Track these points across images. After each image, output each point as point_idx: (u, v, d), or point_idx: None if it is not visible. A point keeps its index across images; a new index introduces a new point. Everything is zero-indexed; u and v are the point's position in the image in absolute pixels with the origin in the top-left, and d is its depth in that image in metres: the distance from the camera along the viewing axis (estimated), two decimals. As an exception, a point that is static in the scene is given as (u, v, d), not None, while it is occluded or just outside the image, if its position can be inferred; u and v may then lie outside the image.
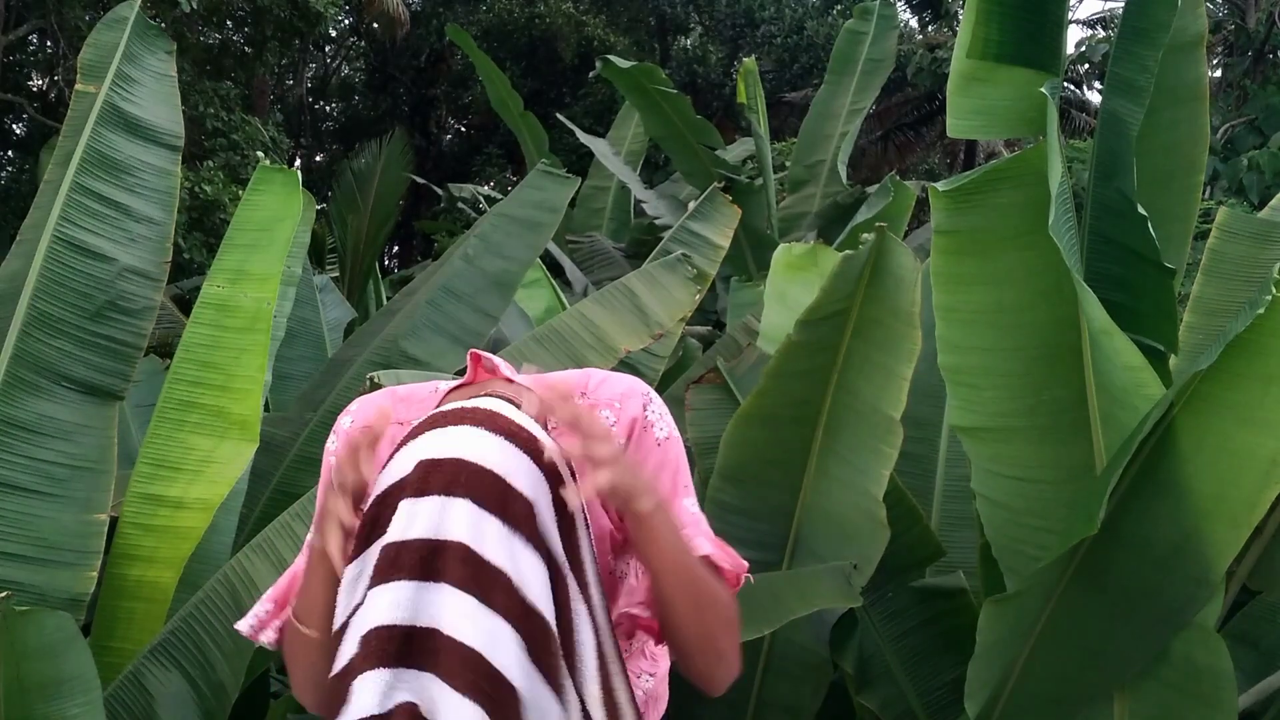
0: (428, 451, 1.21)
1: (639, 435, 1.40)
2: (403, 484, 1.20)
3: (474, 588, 1.15)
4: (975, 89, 2.48)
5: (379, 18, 15.45)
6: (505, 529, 1.17)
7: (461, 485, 1.17)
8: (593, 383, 1.44)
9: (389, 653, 1.14)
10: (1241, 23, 12.10)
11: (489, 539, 1.16)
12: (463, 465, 1.19)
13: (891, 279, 2.91)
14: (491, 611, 1.15)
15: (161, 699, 2.60)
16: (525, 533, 1.18)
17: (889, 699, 3.08)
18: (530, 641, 1.17)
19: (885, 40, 8.62)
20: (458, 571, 1.15)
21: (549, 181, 3.92)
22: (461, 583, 1.15)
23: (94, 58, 3.22)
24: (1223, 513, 2.22)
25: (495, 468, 1.19)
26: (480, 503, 1.17)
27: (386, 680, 1.14)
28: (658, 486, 1.37)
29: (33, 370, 2.82)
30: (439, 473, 1.18)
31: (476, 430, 1.22)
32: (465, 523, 1.16)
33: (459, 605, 1.14)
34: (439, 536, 1.16)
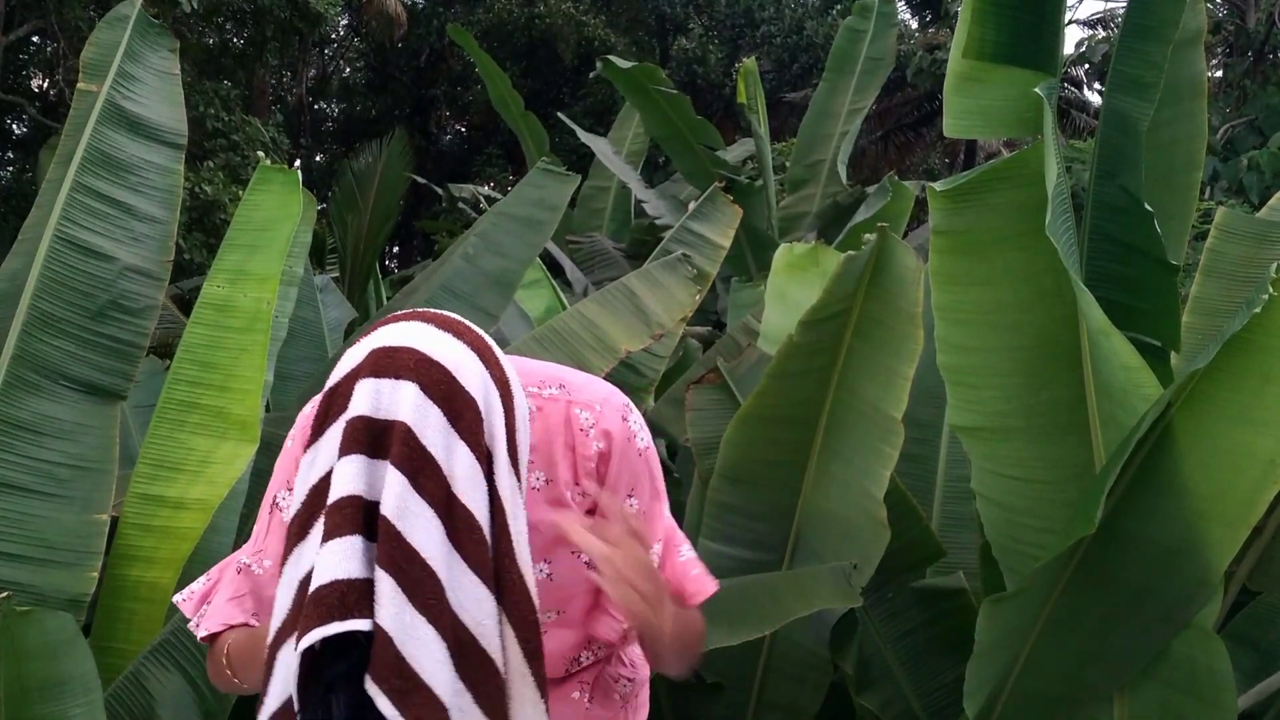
0: (382, 341, 1.27)
1: (623, 446, 1.45)
2: (358, 369, 1.26)
3: (406, 468, 1.20)
4: (972, 89, 2.48)
5: (377, 18, 15.46)
6: (445, 421, 1.22)
7: (410, 370, 1.23)
8: (572, 380, 1.48)
9: (358, 522, 1.19)
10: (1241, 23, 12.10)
11: (430, 426, 1.21)
12: (414, 353, 1.24)
13: (893, 279, 2.91)
14: (418, 495, 1.20)
15: (162, 699, 2.61)
16: (463, 428, 1.23)
17: (889, 699, 3.08)
18: (450, 527, 1.21)
19: (885, 38, 8.61)
20: (397, 449, 1.20)
21: (549, 180, 3.92)
22: (397, 461, 1.20)
23: (96, 56, 3.22)
24: (1221, 512, 2.22)
25: (444, 361, 1.25)
26: (426, 390, 1.22)
27: (355, 545, 1.19)
28: (641, 499, 1.48)
29: (34, 370, 2.82)
30: (392, 359, 1.24)
31: (429, 326, 1.29)
32: (410, 405, 1.22)
33: (393, 483, 1.20)
34: (388, 416, 1.21)
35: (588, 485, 1.44)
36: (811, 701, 3.16)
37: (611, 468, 1.45)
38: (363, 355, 1.27)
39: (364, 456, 1.21)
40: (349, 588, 1.17)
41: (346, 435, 1.22)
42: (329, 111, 23.47)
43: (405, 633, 1.17)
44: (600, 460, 1.44)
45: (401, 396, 1.22)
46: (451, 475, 1.22)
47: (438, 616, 1.19)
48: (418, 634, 1.17)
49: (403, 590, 1.18)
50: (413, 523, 1.19)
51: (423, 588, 1.18)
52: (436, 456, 1.21)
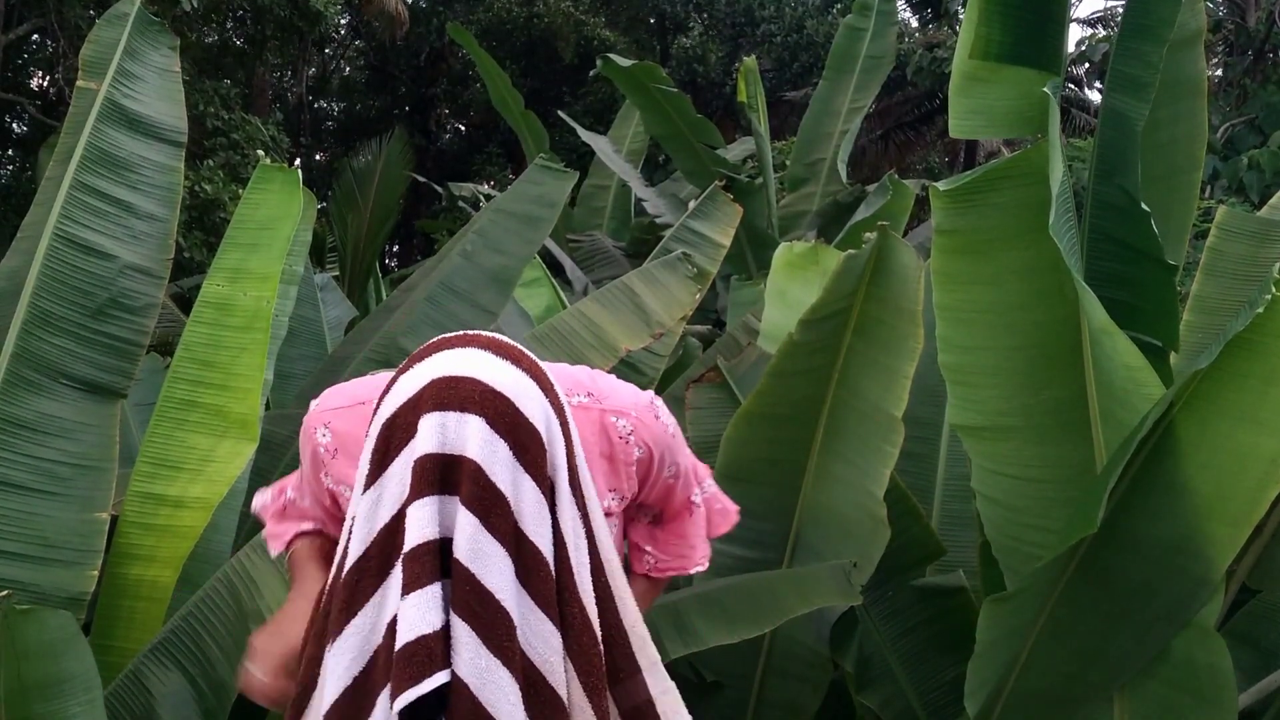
0: (443, 370, 1.25)
1: (662, 447, 1.51)
2: (419, 399, 1.23)
3: (477, 508, 1.20)
4: (977, 89, 2.48)
5: (379, 16, 15.43)
6: (511, 455, 1.22)
7: (475, 403, 1.22)
8: (599, 386, 1.50)
9: (436, 569, 1.20)
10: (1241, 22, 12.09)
11: (498, 462, 1.21)
12: (477, 384, 1.23)
13: (894, 278, 2.91)
14: (490, 535, 1.20)
15: (162, 698, 2.60)
16: (527, 461, 1.23)
17: (889, 698, 3.08)
18: (520, 565, 1.22)
19: (885, 37, 8.60)
20: (468, 489, 1.20)
21: (547, 176, 3.91)
22: (468, 501, 1.20)
23: (95, 54, 3.22)
24: (1223, 512, 2.22)
25: (507, 391, 1.24)
26: (492, 424, 1.22)
27: (435, 594, 1.20)
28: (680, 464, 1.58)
29: (34, 368, 2.82)
30: (455, 390, 1.23)
31: (486, 354, 1.27)
32: (478, 441, 1.21)
33: (465, 524, 1.20)
34: (455, 452, 1.21)
35: (625, 487, 1.47)
36: (811, 700, 3.15)
37: (654, 468, 1.51)
38: (422, 384, 1.24)
39: (436, 496, 1.20)
40: (434, 641, 1.19)
41: (416, 475, 1.21)
42: (329, 110, 23.45)
43: (481, 678, 1.18)
44: (640, 466, 1.48)
45: (469, 432, 1.21)
46: (520, 512, 1.22)
47: (510, 658, 1.20)
48: (494, 678, 1.19)
49: (478, 635, 1.19)
50: (486, 564, 1.19)
51: (496, 630, 1.19)
52: (505, 493, 1.21)
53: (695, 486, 1.65)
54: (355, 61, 22.83)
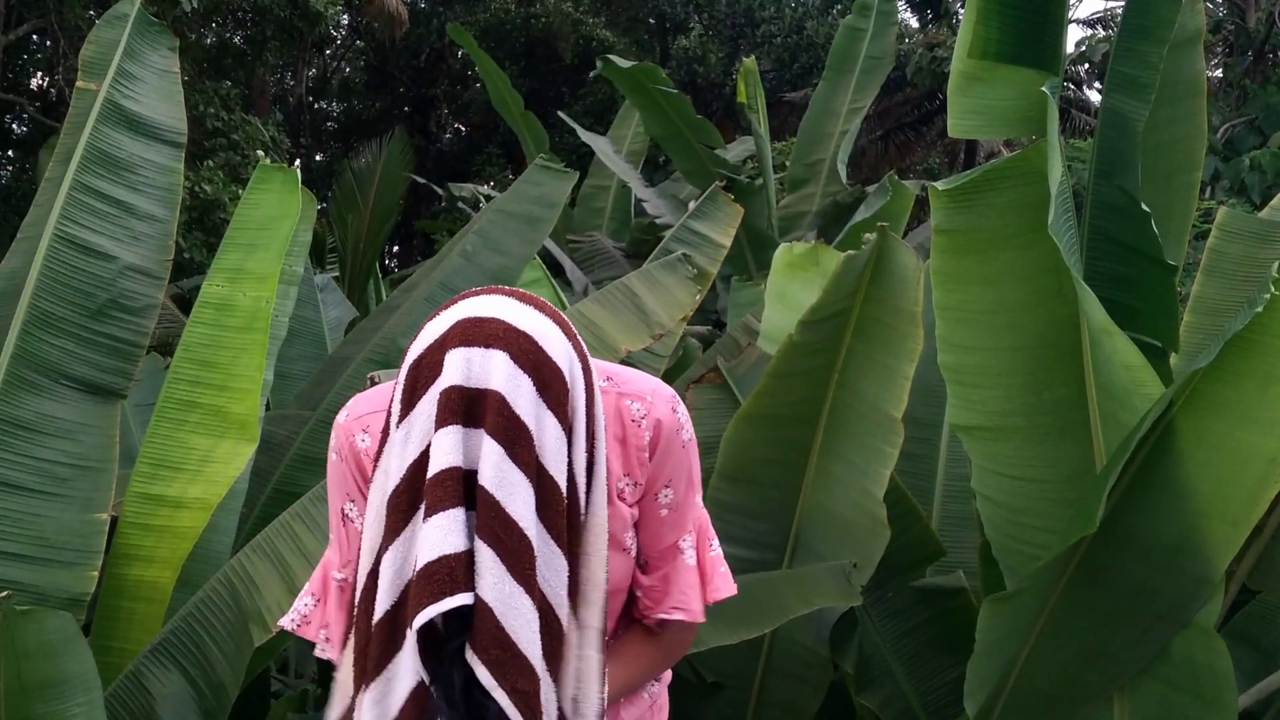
0: (467, 312, 1.28)
1: (670, 437, 1.48)
2: (445, 338, 1.26)
3: (502, 438, 1.21)
4: (975, 89, 2.48)
5: (379, 17, 15.43)
6: (535, 390, 1.24)
7: (500, 339, 1.25)
8: (619, 373, 1.51)
9: (458, 493, 1.21)
10: (1241, 22, 12.10)
11: (522, 395, 1.23)
12: (501, 323, 1.26)
13: (893, 278, 2.91)
14: (513, 465, 1.22)
15: (162, 699, 2.60)
16: (550, 399, 1.25)
17: (889, 698, 3.08)
18: (539, 498, 1.23)
19: (884, 37, 8.59)
20: (492, 419, 1.22)
21: (547, 176, 3.91)
22: (493, 430, 1.21)
23: (95, 54, 3.22)
24: (1222, 511, 2.22)
25: (531, 331, 1.27)
26: (516, 359, 1.24)
27: (458, 517, 1.21)
28: (676, 488, 1.50)
29: (34, 369, 2.82)
30: (481, 328, 1.25)
31: (511, 300, 1.31)
32: (502, 373, 1.23)
33: (490, 453, 1.21)
34: (480, 385, 1.23)
35: (639, 474, 1.46)
36: (811, 700, 3.15)
37: (656, 457, 1.47)
38: (448, 325, 1.28)
39: (460, 426, 1.22)
40: (455, 562, 1.19)
41: (441, 405, 1.23)
42: (329, 111, 23.46)
43: (505, 603, 1.19)
44: (650, 449, 1.46)
45: (494, 365, 1.23)
46: (541, 446, 1.24)
47: (532, 587, 1.21)
48: (516, 604, 1.20)
49: (502, 561, 1.19)
50: (510, 492, 1.21)
51: (520, 558, 1.20)
52: (529, 426, 1.23)
53: (688, 533, 1.54)
54: (355, 62, 22.84)
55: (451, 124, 23.15)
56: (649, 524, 1.50)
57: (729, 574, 1.58)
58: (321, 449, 3.48)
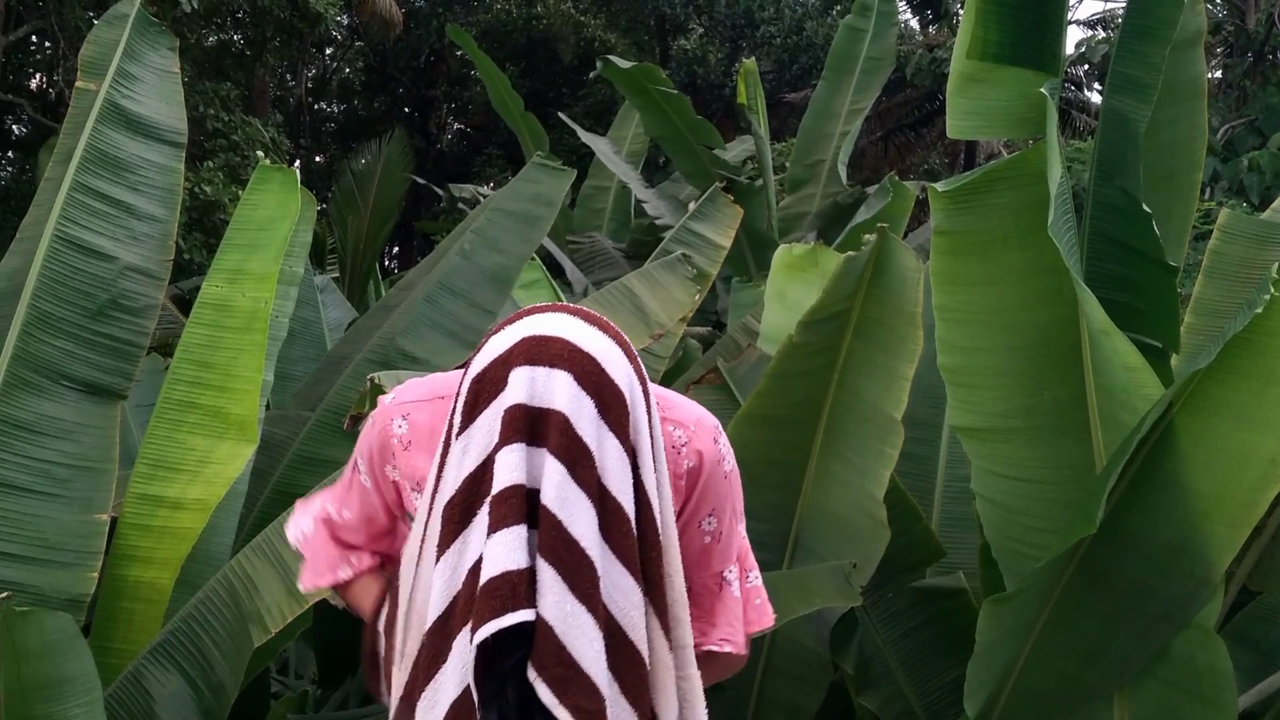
0: (533, 330, 1.30)
1: (712, 468, 1.47)
2: (510, 355, 1.28)
3: (565, 458, 1.23)
4: (975, 90, 2.48)
5: (373, 20, 15.43)
6: (596, 412, 1.25)
7: (564, 360, 1.26)
8: (665, 396, 1.48)
9: (522, 511, 1.22)
10: (1241, 23, 12.10)
11: (584, 416, 1.24)
12: (566, 343, 1.28)
13: (893, 279, 2.91)
14: (576, 485, 1.23)
15: (161, 699, 2.60)
16: (611, 420, 1.26)
17: (889, 699, 3.08)
18: (602, 519, 1.24)
19: (885, 38, 8.58)
20: (555, 439, 1.23)
21: (544, 175, 3.90)
22: (556, 450, 1.23)
23: (95, 55, 3.22)
24: (1222, 512, 2.22)
25: (594, 352, 1.28)
26: (580, 381, 1.25)
27: (521, 535, 1.22)
28: (720, 519, 1.50)
29: (33, 370, 2.82)
30: (546, 347, 1.27)
31: (575, 319, 1.32)
32: (566, 395, 1.24)
33: (553, 472, 1.22)
34: (544, 404, 1.24)
35: (675, 499, 1.45)
36: (811, 701, 3.15)
37: (698, 488, 1.46)
38: (513, 342, 1.29)
39: (524, 444, 1.23)
40: (518, 579, 1.20)
41: (506, 423, 1.24)
42: (329, 112, 23.45)
43: (566, 622, 1.20)
44: (689, 477, 1.45)
45: (557, 385, 1.24)
46: (603, 468, 1.25)
47: (595, 606, 1.22)
48: (579, 623, 1.21)
49: (563, 580, 1.20)
50: (572, 513, 1.22)
51: (581, 577, 1.21)
52: (591, 447, 1.24)
53: (733, 564, 1.56)
54: (355, 63, 22.84)
55: (452, 125, 23.15)
56: (691, 553, 1.48)
57: (766, 604, 1.59)
58: (322, 449, 3.49)
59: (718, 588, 1.54)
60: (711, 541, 1.50)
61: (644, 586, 1.28)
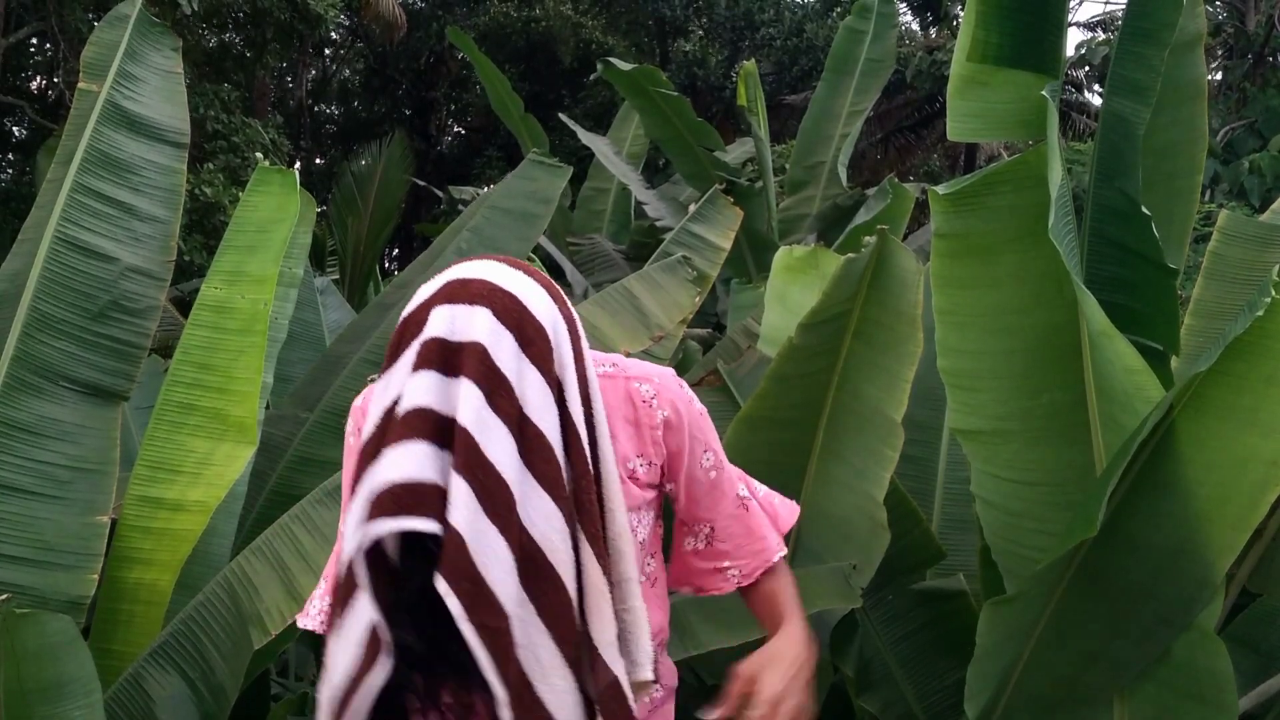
0: (455, 274, 1.33)
1: (688, 410, 1.54)
2: (432, 298, 1.30)
3: (483, 385, 1.24)
4: (975, 92, 2.48)
5: (376, 21, 15.44)
6: (517, 346, 1.27)
7: (484, 297, 1.28)
8: (622, 360, 1.55)
9: (427, 430, 1.22)
10: (1241, 25, 12.11)
11: (503, 348, 1.26)
12: (486, 283, 1.30)
13: (893, 281, 2.91)
14: (493, 412, 1.23)
15: (161, 701, 2.60)
16: (533, 354, 1.28)
17: (889, 701, 3.08)
18: (524, 446, 1.25)
19: (885, 39, 8.58)
20: (473, 366, 1.24)
21: (541, 172, 3.89)
22: (474, 376, 1.24)
23: (96, 56, 3.22)
24: (1223, 515, 2.22)
25: (514, 290, 1.31)
26: (499, 316, 1.27)
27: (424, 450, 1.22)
28: (718, 453, 1.57)
29: (34, 372, 2.82)
30: (465, 288, 1.30)
31: (500, 264, 1.35)
32: (485, 328, 1.26)
33: (469, 396, 1.23)
34: (462, 338, 1.26)
35: (653, 453, 1.49)
36: (811, 703, 3.14)
37: (685, 432, 1.51)
38: (436, 287, 1.32)
39: (437, 373, 1.24)
40: (423, 489, 1.20)
41: (420, 355, 1.25)
42: (329, 114, 23.46)
43: (478, 539, 1.20)
44: (666, 428, 1.50)
45: (476, 320, 1.26)
46: (524, 398, 1.26)
47: (507, 527, 1.22)
48: (489, 541, 1.20)
49: (476, 497, 1.20)
50: (489, 436, 1.22)
51: (495, 497, 1.21)
52: (510, 378, 1.25)
53: (741, 484, 1.65)
54: (355, 65, 22.85)
55: (452, 127, 23.16)
56: (701, 494, 1.55)
57: (785, 500, 1.70)
58: (320, 450, 3.48)
59: (744, 510, 1.61)
60: (717, 475, 1.57)
61: (573, 514, 1.28)
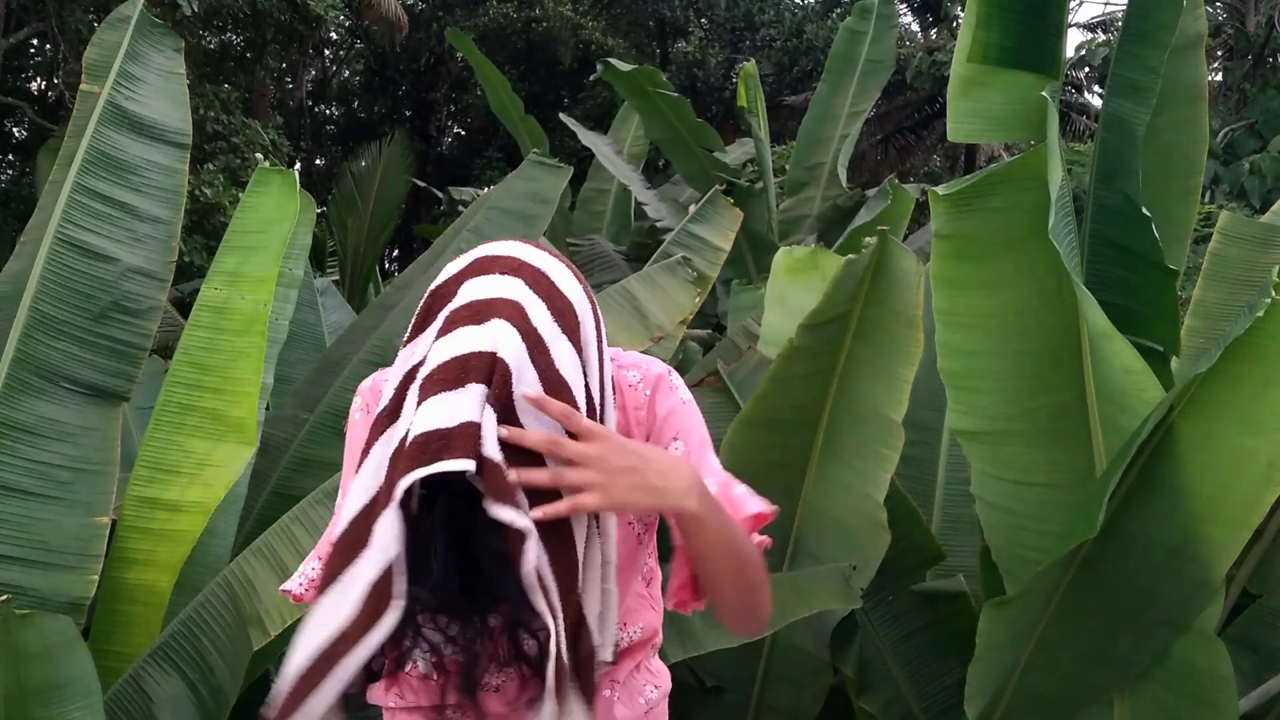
0: (485, 251, 1.31)
1: (666, 392, 1.47)
2: (462, 273, 1.28)
3: (523, 332, 1.21)
4: (975, 93, 2.48)
5: (378, 21, 15.45)
6: (549, 315, 1.25)
7: (516, 271, 1.27)
8: (616, 352, 1.52)
9: (460, 375, 1.18)
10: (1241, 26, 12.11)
11: (538, 312, 1.24)
12: (518, 260, 1.29)
13: (893, 282, 2.91)
14: (529, 362, 1.21)
15: (161, 702, 2.60)
16: (564, 324, 1.26)
17: (889, 702, 3.08)
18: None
19: (885, 40, 8.59)
20: (509, 313, 1.21)
21: (541, 172, 3.89)
22: (512, 321, 1.21)
23: (98, 57, 3.21)
24: (1222, 515, 2.22)
25: (545, 268, 1.29)
26: (532, 287, 1.26)
27: (449, 399, 1.17)
28: (687, 441, 1.46)
29: (34, 372, 2.82)
30: (497, 263, 1.28)
31: (525, 244, 1.34)
32: (521, 293, 1.24)
33: (511, 336, 1.20)
34: (497, 295, 1.23)
35: (636, 435, 1.46)
36: (812, 704, 3.15)
37: (658, 411, 1.46)
38: (465, 263, 1.30)
39: (470, 326, 1.21)
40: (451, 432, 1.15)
41: (449, 319, 1.22)
42: (329, 114, 23.47)
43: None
44: (648, 408, 1.47)
45: (510, 285, 1.24)
46: (559, 360, 1.24)
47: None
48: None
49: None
50: (525, 381, 1.19)
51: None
52: (545, 339, 1.23)
53: (712, 478, 1.49)
54: (355, 65, 22.86)
55: (452, 128, 23.17)
56: None
57: (764, 502, 1.49)
58: (320, 451, 3.48)
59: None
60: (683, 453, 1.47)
61: None
